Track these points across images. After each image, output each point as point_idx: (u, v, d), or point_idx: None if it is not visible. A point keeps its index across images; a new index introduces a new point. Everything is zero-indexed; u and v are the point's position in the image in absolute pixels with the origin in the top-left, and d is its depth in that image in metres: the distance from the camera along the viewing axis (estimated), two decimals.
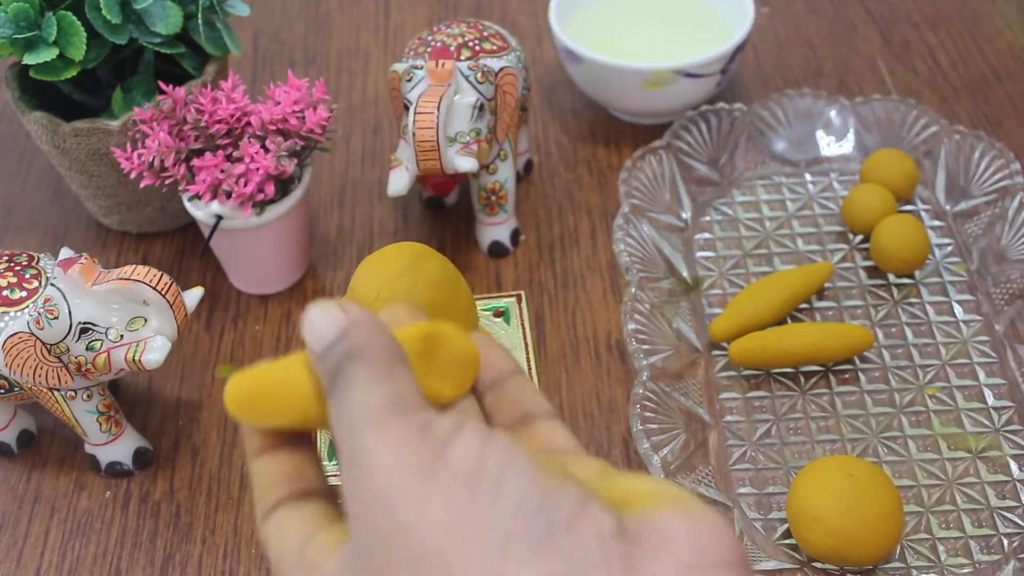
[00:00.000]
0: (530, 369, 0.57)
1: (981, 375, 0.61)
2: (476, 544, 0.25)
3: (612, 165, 0.75)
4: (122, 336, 0.52)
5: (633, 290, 0.61)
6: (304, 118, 0.61)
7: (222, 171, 0.60)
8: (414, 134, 0.59)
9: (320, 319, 0.30)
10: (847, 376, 0.61)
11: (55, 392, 0.55)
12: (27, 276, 0.54)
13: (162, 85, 0.62)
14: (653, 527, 0.26)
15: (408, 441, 0.27)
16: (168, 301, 0.52)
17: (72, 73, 0.61)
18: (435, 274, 0.52)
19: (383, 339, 0.30)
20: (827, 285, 0.66)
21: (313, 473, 0.32)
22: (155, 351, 0.52)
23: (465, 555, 0.25)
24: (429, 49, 0.64)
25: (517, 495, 0.25)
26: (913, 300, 0.65)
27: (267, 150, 0.61)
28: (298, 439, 0.32)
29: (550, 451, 0.32)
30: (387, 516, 0.26)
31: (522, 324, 0.60)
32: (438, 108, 0.59)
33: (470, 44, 0.64)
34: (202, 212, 0.62)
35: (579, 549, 0.25)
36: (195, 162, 0.60)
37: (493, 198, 0.67)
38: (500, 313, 0.60)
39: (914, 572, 0.53)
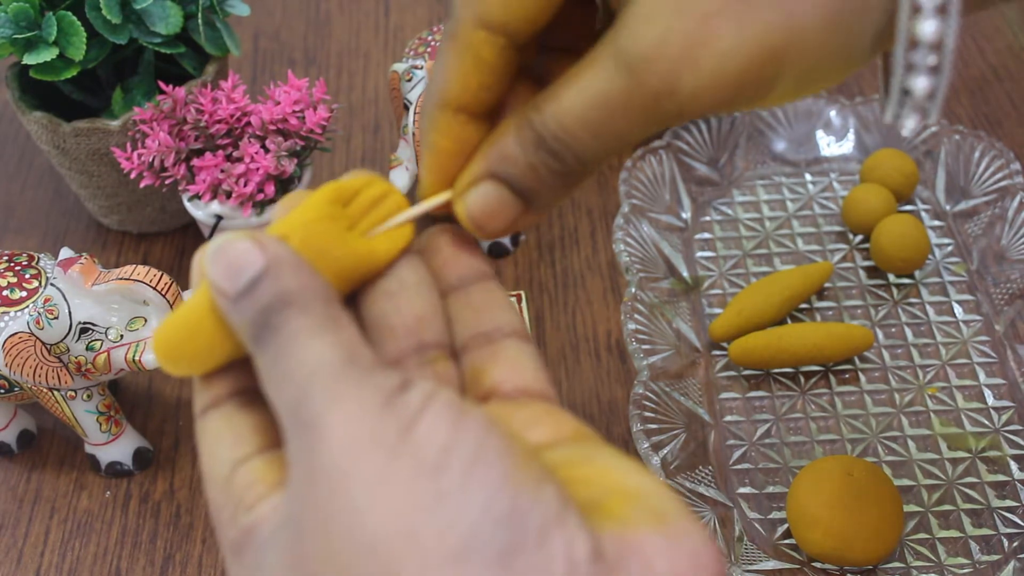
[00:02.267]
0: None
1: (981, 375, 0.61)
2: (431, 547, 0.22)
3: (612, 165, 0.75)
4: (122, 336, 0.52)
5: (633, 290, 0.61)
6: (304, 118, 0.61)
7: (222, 171, 0.60)
8: (414, 134, 0.59)
9: (230, 255, 0.26)
10: (847, 376, 0.61)
11: (55, 392, 0.55)
12: (27, 276, 0.54)
13: (162, 85, 0.62)
14: (631, 550, 0.23)
15: (370, 411, 0.23)
16: (168, 301, 0.52)
17: (72, 73, 0.61)
18: None
19: (313, 279, 0.26)
20: (827, 285, 0.66)
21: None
22: None
23: (416, 557, 0.22)
24: (429, 49, 0.64)
25: (485, 495, 0.22)
26: (913, 300, 0.65)
27: (267, 150, 0.61)
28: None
29: (531, 415, 0.28)
30: (338, 496, 0.23)
31: None
32: None
33: None
34: (202, 212, 0.62)
35: (545, 573, 0.22)
36: (195, 162, 0.60)
37: None
38: None
39: (914, 572, 0.53)
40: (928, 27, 0.28)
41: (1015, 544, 0.54)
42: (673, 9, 0.28)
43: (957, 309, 0.64)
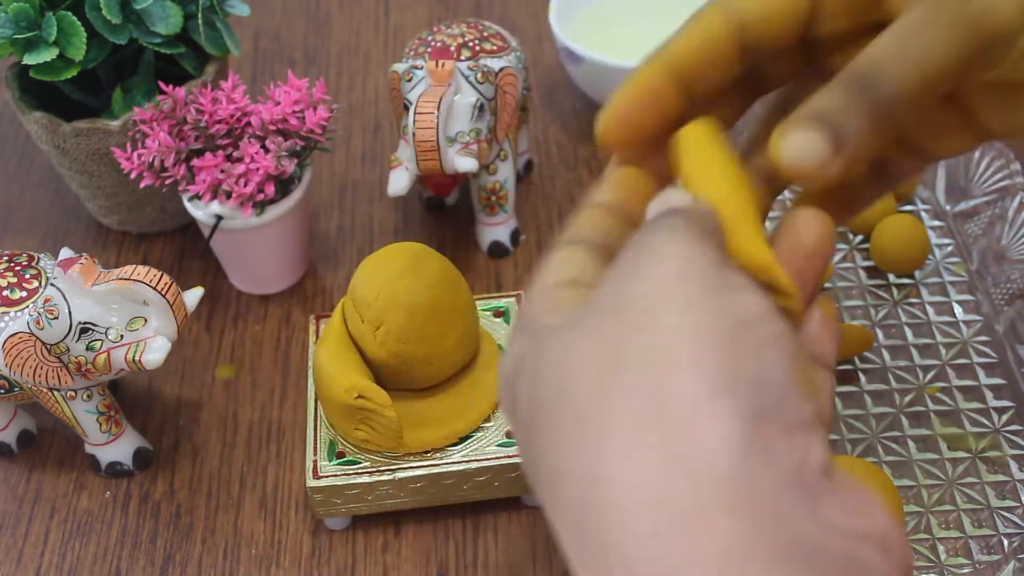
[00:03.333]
0: None
1: (981, 375, 0.61)
2: (705, 367, 0.25)
3: None
4: (122, 336, 0.52)
5: None
6: (304, 118, 0.61)
7: (222, 171, 0.60)
8: (414, 134, 0.59)
9: (668, 197, 0.31)
10: (847, 376, 0.61)
11: (55, 392, 0.55)
12: (27, 276, 0.54)
13: (162, 85, 0.62)
14: (855, 491, 0.26)
15: (701, 265, 0.27)
16: (168, 301, 0.52)
17: (72, 73, 0.61)
18: (435, 275, 0.52)
19: (718, 233, 0.30)
20: (827, 285, 0.66)
21: (617, 233, 0.33)
22: (155, 351, 0.52)
23: (688, 373, 0.25)
24: (429, 49, 0.64)
25: (770, 360, 0.26)
26: (913, 300, 0.65)
27: (267, 150, 0.61)
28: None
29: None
30: (640, 316, 0.26)
31: None
32: (438, 108, 0.59)
33: (470, 44, 0.64)
34: (202, 212, 0.62)
35: (784, 451, 0.25)
36: (195, 162, 0.60)
37: (493, 198, 0.67)
38: (500, 313, 0.60)
39: (914, 572, 0.53)
40: None
41: (1015, 544, 0.54)
42: None
43: (957, 309, 0.64)
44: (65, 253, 0.53)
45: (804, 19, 0.34)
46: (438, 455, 0.54)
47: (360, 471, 0.53)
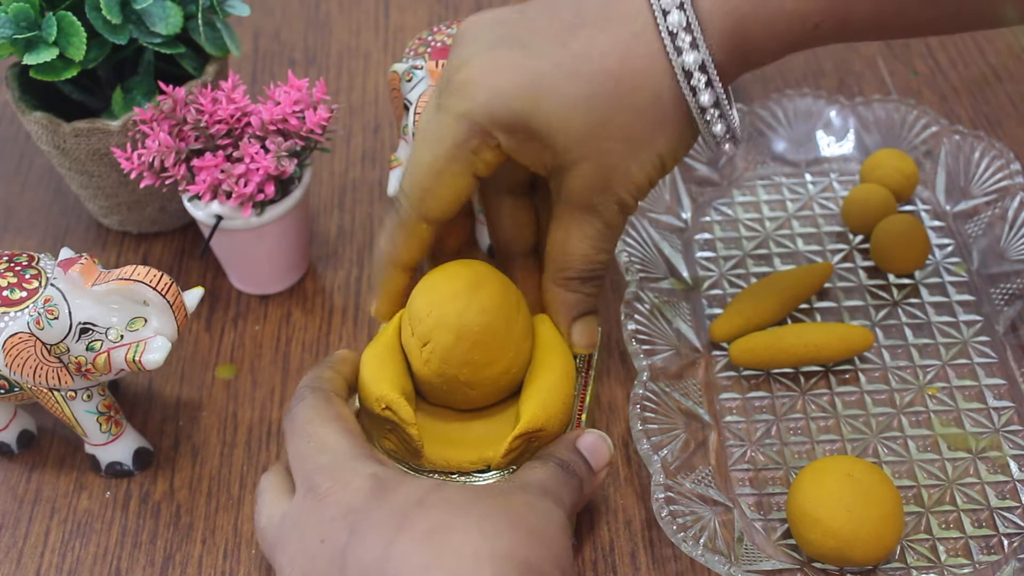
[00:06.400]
0: None
1: (981, 375, 0.61)
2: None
3: None
4: (122, 336, 0.52)
5: (633, 290, 0.61)
6: (304, 118, 0.61)
7: (222, 171, 0.60)
8: (414, 134, 0.59)
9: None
10: (847, 376, 0.61)
11: (55, 392, 0.55)
12: (27, 276, 0.54)
13: (162, 85, 0.62)
14: None
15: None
16: (168, 301, 0.52)
17: (72, 73, 0.61)
18: (492, 301, 0.51)
19: None
20: (827, 285, 0.66)
21: None
22: (155, 351, 0.52)
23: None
24: (429, 49, 0.64)
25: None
26: (913, 300, 0.65)
27: (267, 150, 0.61)
28: None
29: None
30: None
31: None
32: None
33: None
34: (202, 212, 0.62)
35: None
36: (195, 162, 0.60)
37: None
38: None
39: (914, 572, 0.53)
40: (705, 97, 0.47)
41: (1015, 544, 0.54)
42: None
43: (957, 309, 0.64)
44: (65, 253, 0.53)
45: (464, 195, 0.52)
46: (463, 479, 0.52)
47: None
